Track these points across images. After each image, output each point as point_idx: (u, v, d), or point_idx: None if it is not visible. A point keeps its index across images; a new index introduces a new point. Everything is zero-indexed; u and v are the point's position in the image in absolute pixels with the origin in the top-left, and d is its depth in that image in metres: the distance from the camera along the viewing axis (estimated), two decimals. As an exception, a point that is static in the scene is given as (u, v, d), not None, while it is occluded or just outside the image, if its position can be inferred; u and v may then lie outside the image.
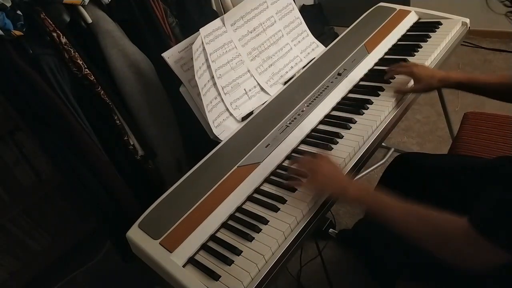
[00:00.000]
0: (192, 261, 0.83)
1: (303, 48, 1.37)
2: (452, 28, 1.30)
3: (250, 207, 0.92)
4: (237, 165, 0.99)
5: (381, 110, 1.06)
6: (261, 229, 0.84)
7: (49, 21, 1.08)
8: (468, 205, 0.94)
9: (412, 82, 1.09)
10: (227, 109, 1.17)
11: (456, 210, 1.04)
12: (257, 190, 0.95)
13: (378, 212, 0.76)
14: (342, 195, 0.83)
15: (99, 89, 1.19)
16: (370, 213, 0.78)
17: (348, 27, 1.45)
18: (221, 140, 1.12)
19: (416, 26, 1.41)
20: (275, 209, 0.88)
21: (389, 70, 1.15)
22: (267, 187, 0.96)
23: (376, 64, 1.27)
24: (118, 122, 1.26)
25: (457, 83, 1.01)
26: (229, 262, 0.80)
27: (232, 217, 0.91)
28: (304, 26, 1.39)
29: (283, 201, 0.89)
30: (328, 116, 1.12)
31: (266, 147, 1.03)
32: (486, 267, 0.59)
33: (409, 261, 0.90)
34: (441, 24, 1.35)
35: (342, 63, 1.26)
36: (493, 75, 0.98)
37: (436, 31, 1.32)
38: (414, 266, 0.89)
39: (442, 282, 0.85)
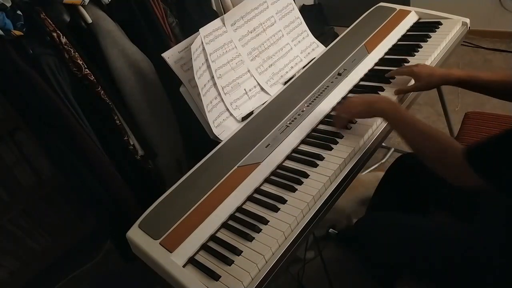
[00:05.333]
0: (192, 261, 0.83)
1: (303, 48, 1.37)
2: (452, 28, 1.30)
3: (250, 207, 0.92)
4: (237, 165, 0.99)
5: (381, 110, 1.06)
6: (261, 229, 0.84)
7: (49, 21, 1.08)
8: (468, 204, 0.95)
9: (412, 81, 1.09)
10: (227, 109, 1.17)
11: (457, 209, 1.03)
12: (257, 190, 0.95)
13: (397, 126, 0.89)
14: (371, 107, 0.95)
15: (99, 89, 1.19)
16: (392, 127, 0.94)
17: (348, 27, 1.45)
18: (221, 140, 1.12)
19: (416, 26, 1.41)
20: (275, 209, 0.88)
21: (391, 73, 1.15)
22: (267, 187, 0.96)
23: (376, 64, 1.27)
24: (118, 122, 1.27)
25: (458, 80, 1.00)
26: (229, 262, 0.80)
27: (232, 217, 0.90)
28: (304, 26, 1.39)
29: (283, 201, 0.89)
30: (328, 116, 1.12)
31: (266, 147, 1.03)
32: (467, 186, 0.73)
33: (409, 261, 0.90)
34: (441, 24, 1.35)
35: (342, 63, 1.26)
36: (495, 73, 0.97)
37: (436, 31, 1.32)
38: (414, 266, 0.89)
39: (442, 283, 0.85)
